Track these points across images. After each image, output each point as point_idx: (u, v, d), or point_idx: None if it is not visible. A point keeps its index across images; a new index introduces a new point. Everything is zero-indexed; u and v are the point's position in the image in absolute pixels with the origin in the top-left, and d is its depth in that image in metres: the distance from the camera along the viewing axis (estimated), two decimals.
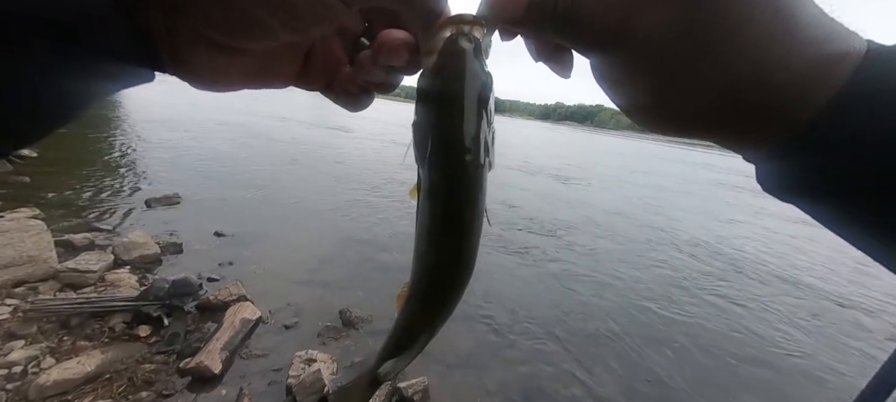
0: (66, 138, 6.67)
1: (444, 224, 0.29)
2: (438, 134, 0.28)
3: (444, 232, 0.30)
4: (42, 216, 3.12)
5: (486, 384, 2.24)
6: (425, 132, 0.28)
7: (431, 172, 0.28)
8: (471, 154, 0.27)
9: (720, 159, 30.29)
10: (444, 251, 0.31)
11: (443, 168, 0.28)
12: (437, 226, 0.30)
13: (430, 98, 0.28)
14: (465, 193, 0.28)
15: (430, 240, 0.30)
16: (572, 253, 4.56)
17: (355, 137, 13.74)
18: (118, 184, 4.64)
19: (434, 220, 0.29)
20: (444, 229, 0.30)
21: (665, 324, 3.20)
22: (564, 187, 9.10)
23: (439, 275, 0.32)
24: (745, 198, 11.29)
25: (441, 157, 0.28)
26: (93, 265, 2.55)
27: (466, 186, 0.28)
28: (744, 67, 0.20)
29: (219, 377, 1.94)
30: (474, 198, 0.28)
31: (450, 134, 0.27)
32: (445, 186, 0.28)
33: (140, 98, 14.52)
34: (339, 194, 5.74)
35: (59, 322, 2.09)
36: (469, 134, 0.27)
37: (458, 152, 0.27)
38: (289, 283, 2.98)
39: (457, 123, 0.27)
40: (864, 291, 4.47)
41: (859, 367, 2.97)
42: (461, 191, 0.28)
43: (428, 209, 0.29)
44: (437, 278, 0.33)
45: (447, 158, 0.28)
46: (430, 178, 0.29)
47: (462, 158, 0.27)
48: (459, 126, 0.27)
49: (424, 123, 0.28)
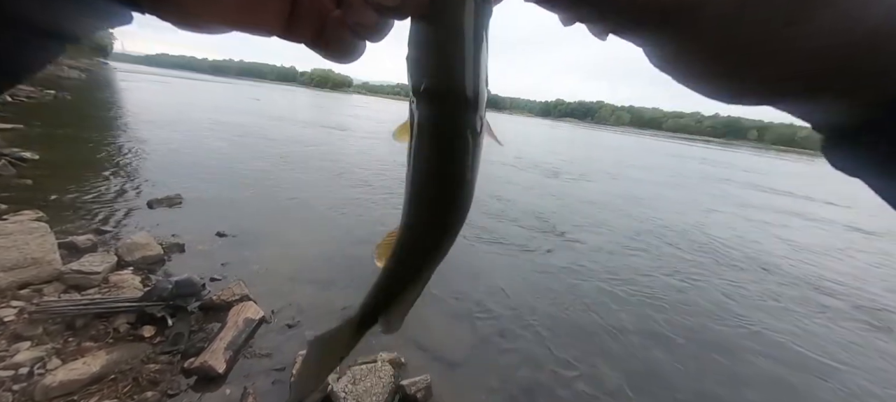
0: (67, 141, 6.69)
1: (439, 160, 0.28)
2: (435, 56, 0.25)
3: (440, 166, 0.28)
4: (45, 219, 3.13)
5: (489, 381, 2.25)
6: (420, 57, 0.26)
7: (426, 102, 0.26)
8: (470, 81, 0.25)
9: (719, 154, 30.19)
10: (439, 187, 0.29)
11: (439, 95, 0.26)
12: (432, 162, 0.28)
13: (424, 22, 0.25)
14: (463, 125, 0.26)
15: (425, 175, 0.29)
16: (571, 248, 4.56)
17: (353, 135, 13.74)
18: (120, 185, 4.66)
19: (430, 155, 0.28)
20: (440, 164, 0.28)
21: (665, 318, 3.20)
22: (558, 182, 9.10)
23: (434, 212, 0.30)
24: (731, 190, 11.26)
25: (436, 82, 0.26)
26: (96, 267, 2.56)
27: (465, 117, 0.26)
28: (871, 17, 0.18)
29: (223, 377, 1.96)
30: (473, 129, 0.26)
31: (448, 55, 0.25)
32: (442, 116, 0.26)
33: (139, 99, 14.52)
34: (340, 192, 5.75)
35: (64, 324, 2.10)
36: (469, 56, 0.25)
37: (457, 78, 0.25)
38: (291, 282, 2.99)
39: (455, 45, 0.25)
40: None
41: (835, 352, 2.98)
42: (459, 123, 0.26)
43: (424, 143, 0.27)
44: (432, 217, 0.30)
45: (444, 84, 0.25)
46: (424, 110, 0.26)
47: (461, 85, 0.25)
48: (459, 47, 0.25)
49: (418, 48, 0.26)
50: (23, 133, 6.50)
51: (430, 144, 0.27)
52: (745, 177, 16.26)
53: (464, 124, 0.26)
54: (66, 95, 13.32)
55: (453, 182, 0.28)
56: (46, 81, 16.86)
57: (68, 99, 12.85)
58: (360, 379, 1.96)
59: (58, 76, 20.35)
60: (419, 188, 0.30)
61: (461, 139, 0.27)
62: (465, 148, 0.27)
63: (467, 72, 0.25)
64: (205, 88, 38.55)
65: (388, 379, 2.01)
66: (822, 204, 10.98)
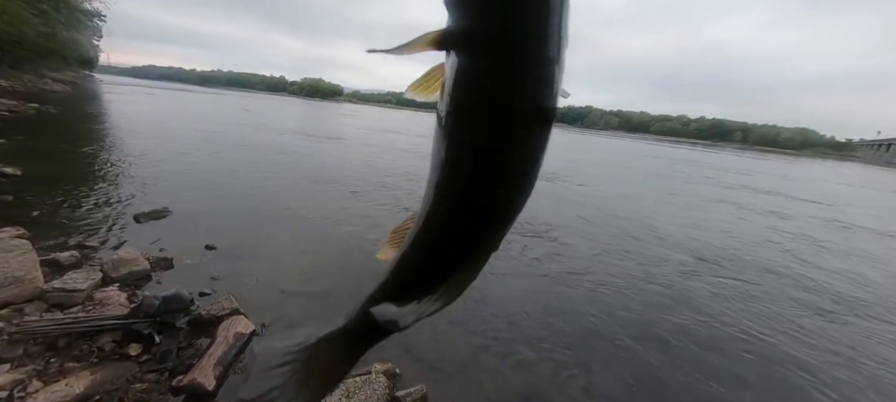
0: (50, 155, 6.55)
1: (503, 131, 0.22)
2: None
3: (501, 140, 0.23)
4: (27, 235, 3.04)
5: (486, 389, 2.23)
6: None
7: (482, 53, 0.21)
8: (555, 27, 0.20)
9: (703, 155, 30.70)
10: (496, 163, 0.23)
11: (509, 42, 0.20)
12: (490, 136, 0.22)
13: None
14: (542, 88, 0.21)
15: (472, 148, 0.23)
16: (562, 252, 4.58)
17: (345, 144, 13.69)
18: (105, 199, 4.56)
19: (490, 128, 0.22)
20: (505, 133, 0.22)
21: (659, 321, 3.22)
22: (550, 185, 9.16)
23: (480, 201, 0.24)
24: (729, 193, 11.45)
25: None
26: (80, 284, 2.49)
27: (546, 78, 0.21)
28: None
29: (213, 394, 1.91)
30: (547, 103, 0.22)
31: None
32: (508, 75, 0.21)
33: (126, 112, 14.30)
34: (331, 202, 5.71)
35: (45, 344, 2.03)
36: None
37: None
38: (283, 294, 2.94)
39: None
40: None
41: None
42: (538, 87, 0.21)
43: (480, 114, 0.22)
44: (477, 205, 0.24)
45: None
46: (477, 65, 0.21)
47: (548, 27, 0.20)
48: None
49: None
50: (4, 148, 6.35)
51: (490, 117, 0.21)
52: (730, 178, 16.58)
53: (543, 88, 0.21)
54: (50, 109, 13.06)
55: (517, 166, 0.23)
56: (30, 94, 16.54)
57: (53, 112, 12.60)
58: (353, 392, 1.93)
59: (42, 89, 20.00)
60: (456, 166, 0.23)
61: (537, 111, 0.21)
62: (541, 119, 0.22)
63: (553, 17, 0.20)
64: (193, 99, 38.17)
65: (382, 391, 1.97)
66: (820, 205, 11.22)
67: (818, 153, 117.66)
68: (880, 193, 17.62)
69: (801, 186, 16.20)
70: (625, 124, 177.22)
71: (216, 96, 56.51)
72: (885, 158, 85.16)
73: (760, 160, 41.54)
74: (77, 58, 37.00)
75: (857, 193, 16.45)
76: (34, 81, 23.50)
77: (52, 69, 29.87)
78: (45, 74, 27.42)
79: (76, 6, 29.27)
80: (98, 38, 43.50)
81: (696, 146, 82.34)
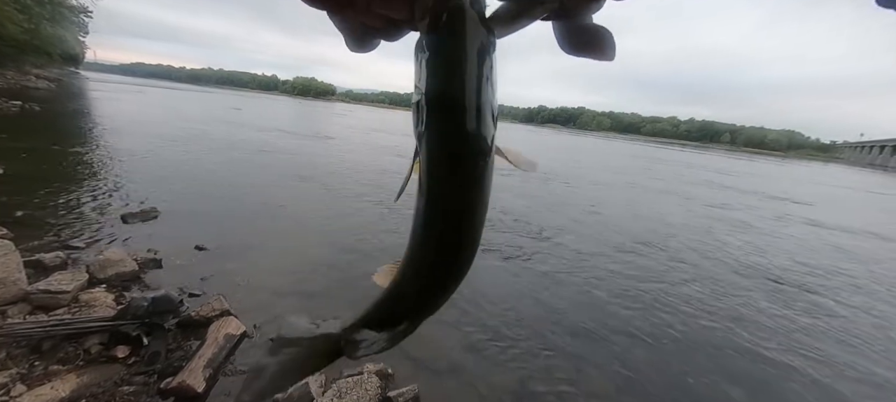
0: (34, 154, 6.40)
1: (444, 206, 0.26)
2: (433, 97, 0.24)
3: (444, 212, 0.27)
4: (10, 236, 2.97)
5: (478, 389, 2.24)
6: (421, 97, 0.24)
7: (428, 146, 0.25)
8: (470, 118, 0.23)
9: (692, 156, 31.09)
10: (443, 234, 0.27)
11: (440, 140, 0.24)
12: (436, 207, 0.27)
13: (425, 60, 0.24)
14: (468, 171, 0.25)
15: (428, 220, 0.27)
16: (553, 252, 4.62)
17: (337, 144, 13.62)
18: (91, 199, 4.48)
19: (434, 201, 0.26)
20: (445, 208, 0.26)
21: (648, 320, 3.26)
22: (542, 186, 9.22)
23: (437, 259, 0.29)
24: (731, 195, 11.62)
25: (437, 124, 0.24)
26: (65, 285, 2.44)
27: (468, 162, 0.24)
28: None
29: (202, 396, 1.89)
30: (479, 174, 0.25)
31: (446, 95, 0.23)
32: (444, 164, 0.25)
33: (113, 110, 14.05)
34: (323, 202, 5.68)
35: (29, 347, 1.99)
36: (469, 93, 0.23)
37: (456, 117, 0.23)
38: (274, 295, 2.92)
39: (454, 83, 0.23)
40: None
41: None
42: (462, 169, 0.24)
43: (427, 188, 0.26)
44: (435, 261, 0.29)
45: (443, 126, 0.24)
46: (427, 155, 0.25)
47: (461, 124, 0.23)
48: (458, 86, 0.23)
49: (420, 88, 0.24)
50: None
51: (432, 191, 0.25)
52: (718, 178, 16.85)
53: (470, 141, 0.24)
54: (34, 106, 12.77)
55: (458, 211, 0.26)
56: (12, 92, 16.14)
57: (36, 110, 12.32)
58: (345, 392, 1.93)
59: (25, 87, 19.53)
60: (424, 219, 0.27)
61: (468, 159, 0.24)
62: (472, 168, 0.25)
63: (469, 83, 0.23)
64: (182, 97, 37.60)
65: (375, 391, 1.97)
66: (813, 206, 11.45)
67: (804, 155, 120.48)
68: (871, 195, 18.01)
69: (787, 188, 16.53)
70: (616, 126, 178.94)
71: (206, 94, 55.75)
72: (868, 159, 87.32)
73: (749, 162, 42.30)
74: (62, 54, 36.20)
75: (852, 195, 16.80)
76: (17, 78, 22.93)
77: (37, 66, 29.14)
78: (28, 70, 26.75)
79: (61, 2, 28.65)
80: (84, 35, 42.60)
81: (686, 147, 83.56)
